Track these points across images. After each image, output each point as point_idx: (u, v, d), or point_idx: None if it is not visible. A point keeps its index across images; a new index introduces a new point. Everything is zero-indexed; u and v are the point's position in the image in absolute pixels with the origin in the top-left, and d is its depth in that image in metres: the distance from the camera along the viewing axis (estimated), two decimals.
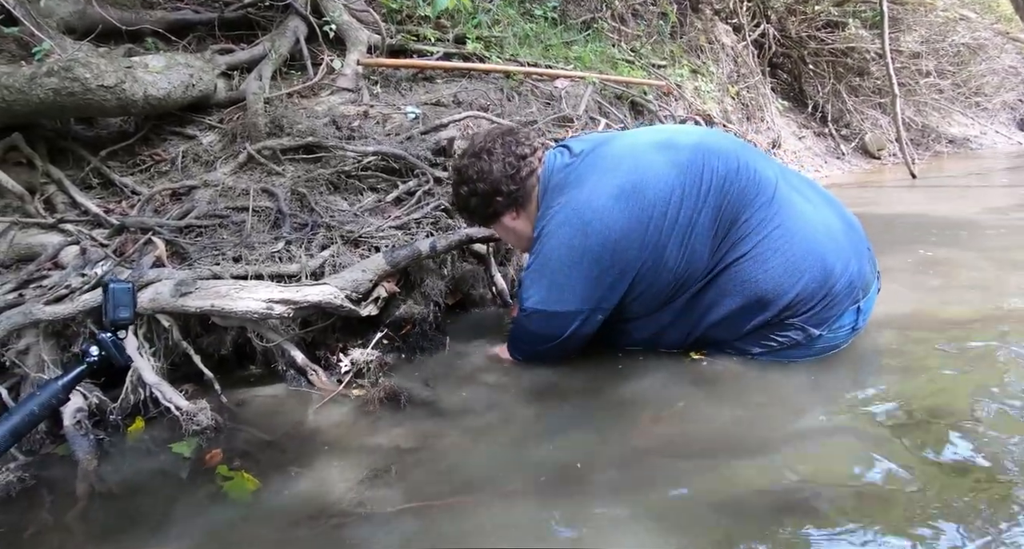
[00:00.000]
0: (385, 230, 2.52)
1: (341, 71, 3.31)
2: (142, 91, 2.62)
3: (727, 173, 1.97)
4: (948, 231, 4.03)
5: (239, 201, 2.52)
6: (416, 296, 2.48)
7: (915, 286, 2.83)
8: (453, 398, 2.01)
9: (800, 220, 1.99)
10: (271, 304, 2.04)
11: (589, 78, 4.19)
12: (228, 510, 1.53)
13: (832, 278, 1.98)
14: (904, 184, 6.57)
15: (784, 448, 1.62)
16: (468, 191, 2.14)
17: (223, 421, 1.90)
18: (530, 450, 1.70)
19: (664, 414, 1.84)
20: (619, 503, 1.43)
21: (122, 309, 1.62)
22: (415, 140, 2.92)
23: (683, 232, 1.94)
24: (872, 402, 1.84)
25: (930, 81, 9.80)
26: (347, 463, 1.67)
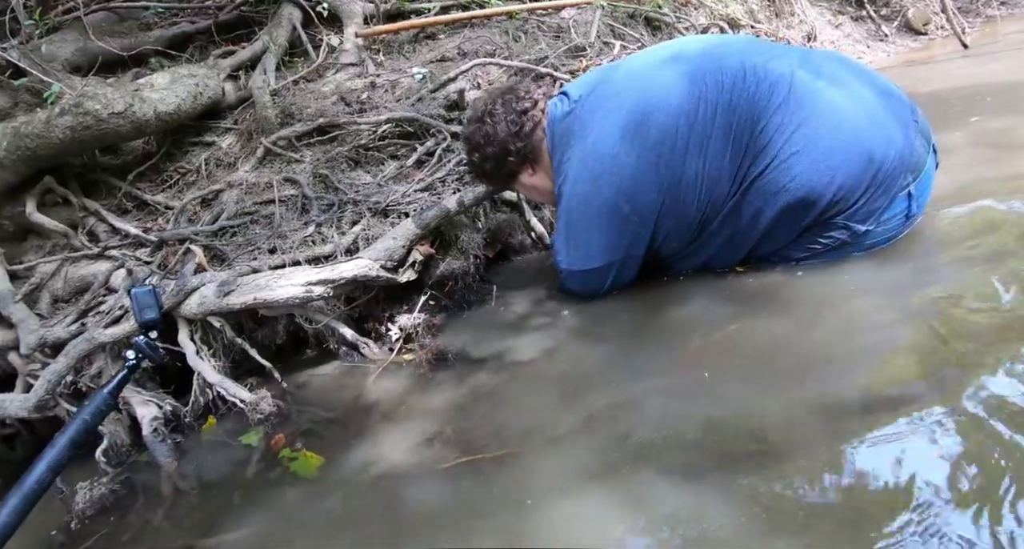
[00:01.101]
0: (411, 195, 2.51)
1: (341, 47, 3.29)
2: (152, 110, 2.67)
3: (733, 85, 1.88)
4: (1006, 97, 3.76)
5: (264, 195, 2.56)
6: (454, 252, 2.48)
7: (972, 160, 2.65)
8: (500, 349, 2.00)
9: (826, 111, 1.85)
10: (310, 286, 2.07)
11: (596, 2, 4.06)
12: (297, 488, 1.58)
13: (873, 165, 1.83)
14: (957, 56, 6.13)
15: (836, 364, 1.54)
16: (480, 157, 2.17)
17: (285, 406, 1.97)
18: (577, 394, 1.68)
19: (712, 338, 1.78)
20: (662, 444, 1.40)
21: (148, 311, 1.68)
22: (426, 100, 2.88)
23: (696, 162, 1.89)
24: (927, 302, 1.71)
25: None
26: (403, 427, 1.70)
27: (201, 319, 2.17)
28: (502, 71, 3.18)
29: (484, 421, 1.65)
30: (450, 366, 1.97)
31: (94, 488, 1.79)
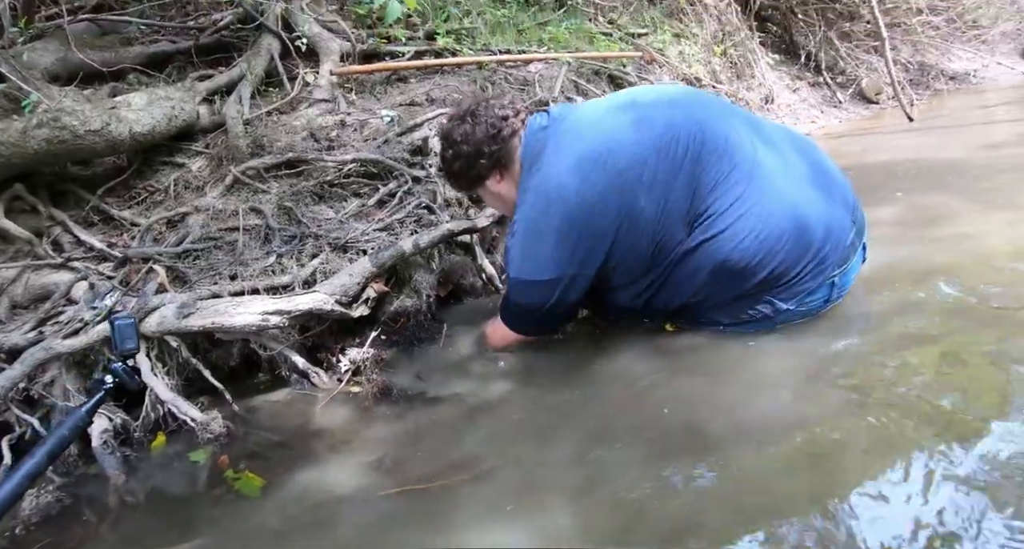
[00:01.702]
0: (370, 233, 2.66)
1: (316, 83, 3.44)
2: (127, 130, 2.77)
3: (703, 137, 2.01)
4: (937, 174, 4.08)
5: (230, 222, 2.67)
6: (407, 291, 2.62)
7: (896, 237, 2.90)
8: (442, 387, 2.16)
9: (775, 194, 2.01)
10: (266, 315, 2.19)
11: (562, 58, 4.28)
12: (240, 507, 1.70)
13: (810, 254, 2.02)
14: (902, 129, 6.55)
15: (749, 422, 1.73)
16: (453, 154, 2.20)
17: (235, 427, 2.07)
18: (508, 434, 1.84)
19: (636, 390, 1.96)
20: (587, 480, 1.57)
21: (128, 341, 1.78)
22: (392, 143, 3.04)
23: (659, 199, 1.99)
24: (836, 367, 1.93)
25: (924, 19, 9.68)
26: (346, 455, 1.84)
27: (158, 337, 2.27)
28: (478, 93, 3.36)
29: (422, 454, 1.79)
30: (394, 400, 2.11)
31: (41, 496, 1.86)
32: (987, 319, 2.07)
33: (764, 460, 1.54)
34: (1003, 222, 2.87)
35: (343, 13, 4.05)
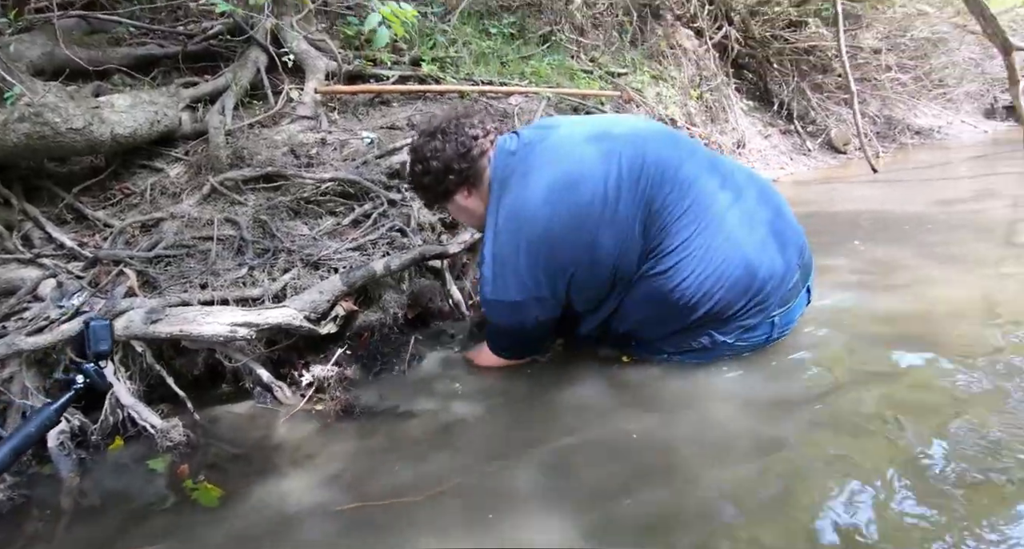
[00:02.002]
0: (343, 252, 2.71)
1: (300, 99, 3.49)
2: (109, 131, 2.80)
3: (665, 175, 2.10)
4: (894, 225, 4.27)
5: (204, 231, 2.70)
6: (375, 309, 2.67)
7: (849, 283, 3.03)
8: (405, 408, 2.20)
9: (725, 232, 2.12)
10: (235, 327, 2.22)
11: (543, 93, 4.39)
12: (196, 516, 1.72)
13: (751, 292, 2.14)
14: (866, 179, 6.80)
15: (687, 451, 1.81)
16: (422, 169, 2.25)
17: (196, 437, 2.09)
18: (464, 455, 1.89)
19: (595, 414, 2.04)
20: (539, 505, 1.62)
21: (102, 343, 1.80)
22: (370, 164, 3.10)
23: (619, 232, 2.08)
24: (786, 395, 2.06)
25: (892, 75, 10.08)
26: (305, 470, 1.87)
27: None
28: (448, 108, 3.42)
29: (381, 471, 1.83)
30: (356, 418, 2.15)
31: None
32: (921, 357, 2.21)
33: (726, 479, 1.64)
34: (949, 276, 3.02)
35: (332, 32, 4.11)
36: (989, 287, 2.80)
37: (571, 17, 5.97)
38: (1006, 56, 7.59)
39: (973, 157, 8.32)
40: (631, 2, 6.61)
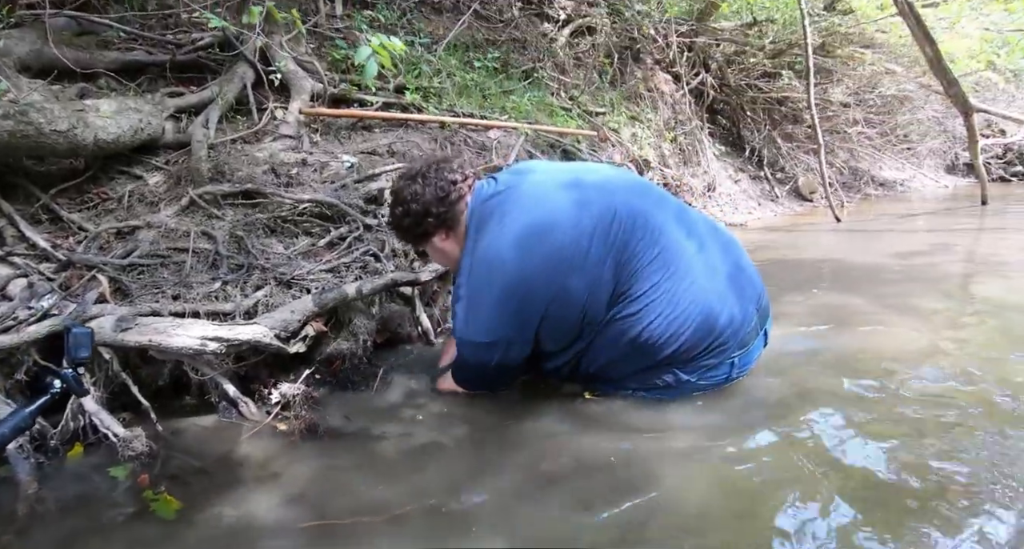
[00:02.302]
0: (316, 273, 2.76)
1: (284, 119, 3.54)
2: (92, 136, 2.82)
3: (632, 225, 2.20)
4: (853, 274, 4.45)
5: (180, 242, 2.73)
6: (345, 334, 2.71)
7: (806, 327, 3.15)
8: (369, 431, 2.24)
9: (689, 278, 2.23)
10: (205, 341, 2.25)
11: (521, 128, 4.49)
12: (153, 527, 1.74)
13: (712, 335, 2.25)
14: (830, 228, 7.04)
15: (647, 481, 1.87)
16: (402, 212, 2.32)
17: (157, 448, 2.10)
18: (426, 479, 1.94)
19: (547, 449, 2.09)
20: (496, 532, 1.68)
21: (82, 349, 1.83)
22: (349, 188, 3.16)
23: (588, 280, 2.16)
24: (741, 429, 2.15)
25: (860, 129, 10.46)
26: (266, 487, 1.90)
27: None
28: (428, 155, 3.50)
29: (342, 492, 1.87)
30: (320, 438, 2.18)
31: None
32: (867, 398, 2.34)
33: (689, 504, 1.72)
34: (899, 325, 3.16)
35: (320, 54, 4.18)
36: (935, 337, 2.94)
37: (554, 55, 6.12)
38: (966, 117, 7.96)
39: (933, 211, 8.65)
40: (613, 44, 6.80)
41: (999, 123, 12.17)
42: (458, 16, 5.43)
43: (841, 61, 9.84)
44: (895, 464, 1.85)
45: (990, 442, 1.93)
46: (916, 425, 2.09)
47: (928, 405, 2.23)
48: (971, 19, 10.43)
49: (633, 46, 7.41)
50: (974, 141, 8.21)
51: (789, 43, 8.78)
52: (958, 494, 1.68)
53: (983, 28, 10.63)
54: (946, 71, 7.49)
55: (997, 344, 2.78)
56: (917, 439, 1.99)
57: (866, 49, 9.98)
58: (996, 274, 4.26)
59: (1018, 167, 13.23)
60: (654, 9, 7.05)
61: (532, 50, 5.98)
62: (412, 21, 5.10)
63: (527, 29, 6.10)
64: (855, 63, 9.97)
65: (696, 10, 8.26)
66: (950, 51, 9.55)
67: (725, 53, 9.09)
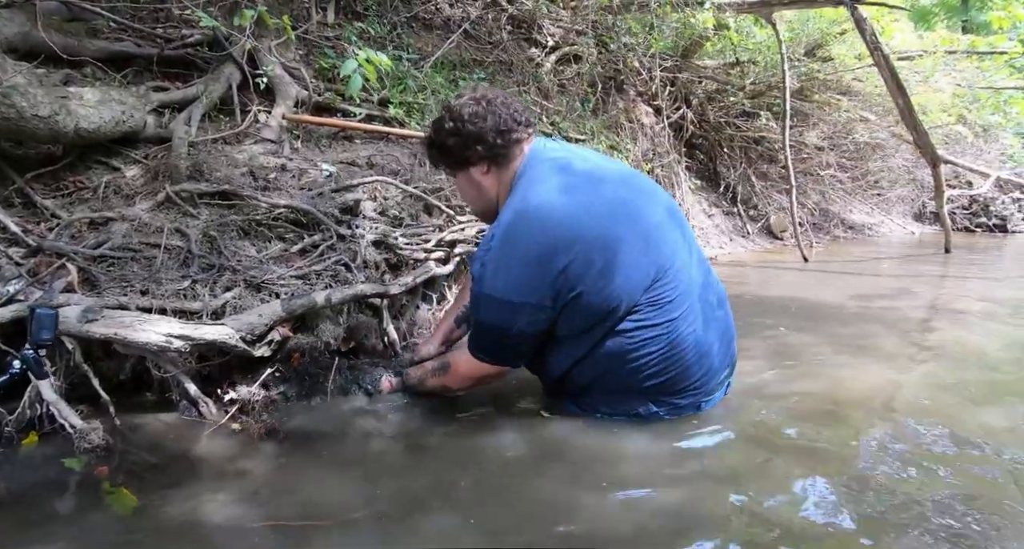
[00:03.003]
0: (287, 278, 2.78)
1: (267, 123, 3.57)
2: (74, 124, 2.83)
3: (673, 252, 2.24)
4: (816, 315, 4.55)
5: (153, 237, 2.74)
6: (309, 334, 2.73)
7: (767, 363, 3.23)
8: (327, 436, 2.27)
9: (696, 323, 2.26)
10: (170, 338, 2.26)
11: None
12: (108, 521, 1.75)
13: (688, 380, 2.30)
14: (797, 266, 7.21)
15: (599, 500, 1.91)
16: (452, 129, 2.18)
17: (115, 442, 2.11)
18: (380, 486, 1.97)
19: (495, 467, 2.12)
20: (446, 543, 1.72)
21: (45, 331, 1.85)
22: (325, 197, 3.19)
23: (624, 273, 2.10)
24: (696, 452, 2.21)
25: (832, 173, 10.72)
26: (221, 487, 1.92)
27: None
28: (398, 192, 3.55)
29: (296, 494, 1.89)
30: (279, 441, 2.21)
31: None
32: (817, 431, 2.40)
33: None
34: (855, 366, 3.25)
35: (308, 61, 4.22)
36: (888, 379, 3.04)
37: (539, 80, 6.21)
38: (934, 168, 8.20)
39: (898, 256, 8.86)
40: (597, 74, 6.91)
41: (966, 175, 12.51)
42: (448, 34, 5.49)
43: (818, 106, 10.09)
44: (827, 508, 1.89)
45: (925, 480, 2.00)
46: (855, 469, 2.15)
47: (863, 448, 2.29)
48: (945, 74, 10.80)
49: (617, 77, 7.54)
50: (940, 191, 8.45)
51: (769, 85, 8.99)
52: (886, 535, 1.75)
53: (956, 84, 11.00)
54: (916, 122, 7.72)
55: (949, 388, 2.87)
56: (853, 482, 2.04)
57: (842, 96, 10.27)
58: (955, 321, 4.39)
59: (982, 218, 13.62)
60: (640, 43, 7.17)
61: (518, 73, 6.06)
62: (402, 35, 5.15)
63: (514, 52, 6.19)
64: (831, 109, 10.23)
65: (681, 47, 8.42)
66: (923, 103, 9.91)
67: (707, 90, 9.27)
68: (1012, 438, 2.31)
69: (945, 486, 1.95)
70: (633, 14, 6.89)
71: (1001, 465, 2.09)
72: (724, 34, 7.84)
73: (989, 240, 11.75)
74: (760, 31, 8.47)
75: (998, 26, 9.51)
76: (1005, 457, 2.14)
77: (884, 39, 7.74)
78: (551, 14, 6.95)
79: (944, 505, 1.83)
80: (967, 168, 10.37)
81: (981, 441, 2.25)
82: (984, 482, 2.00)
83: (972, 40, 11.41)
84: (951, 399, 2.73)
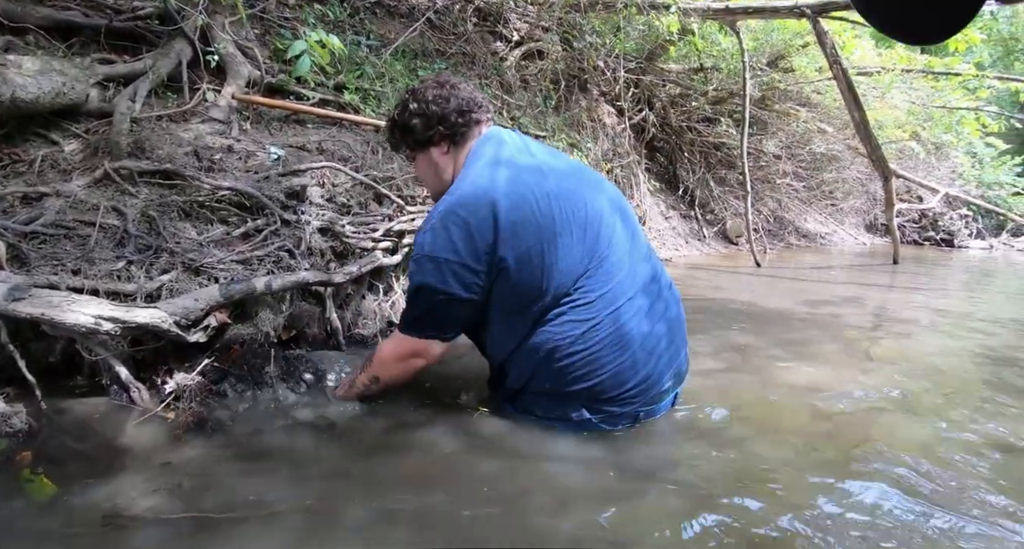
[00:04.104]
0: (227, 262, 2.71)
1: (215, 102, 3.48)
2: (10, 93, 2.72)
3: (611, 242, 2.25)
4: (764, 318, 4.63)
5: (88, 215, 2.64)
6: (248, 324, 2.67)
7: (712, 365, 3.26)
8: (259, 429, 2.22)
9: (628, 324, 2.22)
10: (99, 320, 2.18)
11: None
12: (24, 508, 1.69)
13: (620, 388, 2.24)
14: (750, 271, 7.37)
15: (527, 499, 1.89)
16: (418, 109, 2.29)
17: (39, 427, 2.04)
18: (306, 481, 1.93)
19: (438, 460, 2.11)
20: (368, 541, 1.69)
21: None
22: (272, 181, 3.12)
23: (559, 256, 2.15)
24: (634, 459, 2.19)
25: (788, 182, 10.90)
26: (145, 477, 1.86)
27: None
28: (347, 179, 3.48)
29: (220, 487, 1.84)
30: (208, 432, 2.15)
31: None
32: (769, 433, 2.44)
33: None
34: (796, 368, 3.33)
35: (263, 41, 4.12)
36: (822, 380, 3.11)
37: (501, 74, 6.17)
38: (886, 181, 8.40)
39: (848, 266, 9.05)
40: (561, 71, 6.90)
41: (917, 190, 12.83)
42: (411, 22, 5.42)
43: (777, 115, 10.27)
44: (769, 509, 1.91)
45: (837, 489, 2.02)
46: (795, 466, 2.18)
47: (797, 445, 2.35)
48: (901, 91, 11.04)
49: (581, 76, 7.54)
50: (891, 204, 8.64)
51: (731, 92, 9.10)
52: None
53: (911, 101, 11.25)
54: (871, 137, 7.89)
55: (886, 394, 2.93)
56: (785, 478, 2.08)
57: (801, 107, 10.47)
58: (898, 329, 4.52)
59: (931, 233, 13.99)
60: (605, 44, 7.18)
61: (480, 67, 6.01)
62: (364, 20, 5.07)
63: (478, 45, 6.14)
64: (790, 119, 10.43)
65: (646, 49, 8.46)
66: (879, 119, 10.14)
67: (670, 94, 9.35)
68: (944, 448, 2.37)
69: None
70: (599, 13, 6.88)
71: (918, 472, 2.13)
72: (689, 39, 7.90)
73: (936, 254, 12.09)
74: (724, 39, 8.55)
75: (954, 48, 9.71)
76: (922, 467, 2.18)
77: (844, 54, 7.87)
78: (518, 8, 6.93)
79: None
80: (918, 183, 10.65)
81: (904, 455, 2.28)
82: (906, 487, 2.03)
83: (929, 60, 11.68)
84: (885, 403, 2.81)
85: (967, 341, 4.17)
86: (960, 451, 2.32)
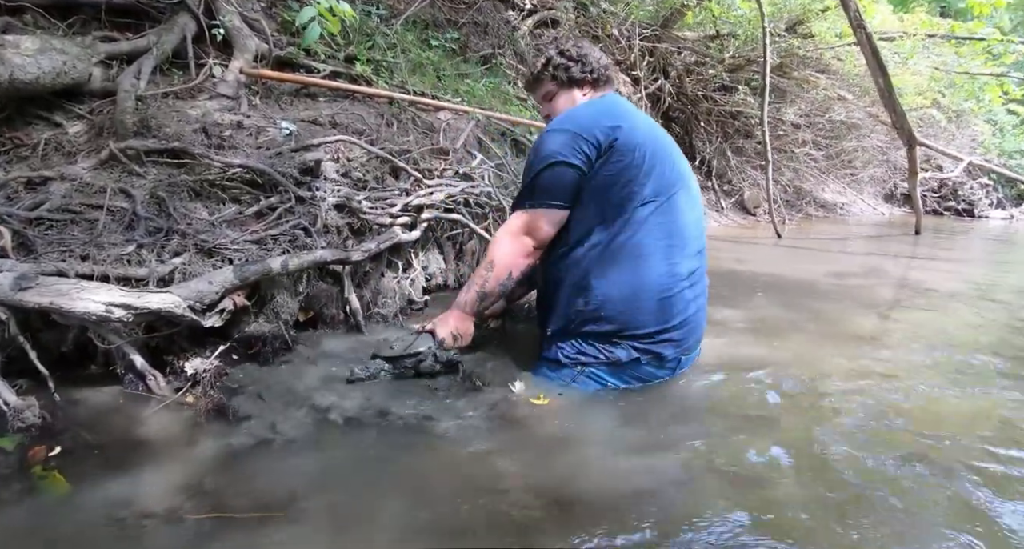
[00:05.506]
0: (241, 243, 2.60)
1: (223, 77, 3.35)
2: (8, 73, 2.61)
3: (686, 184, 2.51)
4: (787, 289, 4.52)
5: (95, 198, 2.54)
6: (267, 312, 2.56)
7: (738, 338, 3.16)
8: (281, 417, 2.09)
9: (682, 255, 2.40)
10: (111, 307, 2.08)
11: (473, 113, 4.37)
12: (38, 506, 1.60)
13: (667, 325, 2.36)
14: (770, 242, 7.19)
15: (563, 493, 1.78)
16: (576, 55, 2.55)
17: (52, 420, 1.95)
18: (333, 473, 1.82)
19: (464, 453, 1.96)
20: (399, 536, 1.57)
21: None
22: (284, 157, 2.99)
23: (659, 162, 2.35)
24: (674, 432, 2.10)
25: (807, 151, 10.67)
26: (165, 471, 1.77)
27: None
28: (363, 153, 3.35)
29: (242, 481, 1.74)
30: (228, 420, 2.04)
31: None
32: (791, 402, 2.38)
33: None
34: (821, 339, 3.22)
35: (270, 14, 3.98)
36: (852, 352, 3.01)
37: (515, 43, 6.00)
38: (909, 149, 8.15)
39: (868, 236, 8.83)
40: None
41: (937, 159, 12.55)
42: None
43: (796, 83, 10.00)
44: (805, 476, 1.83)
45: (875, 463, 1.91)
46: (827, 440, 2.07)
47: (839, 416, 2.26)
48: (923, 57, 10.74)
49: (596, 44, 7.33)
50: (914, 173, 8.41)
51: (748, 59, 8.86)
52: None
53: (933, 67, 10.95)
54: (895, 103, 7.64)
55: (916, 366, 2.82)
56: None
57: (821, 74, 10.18)
58: (923, 300, 4.37)
59: (951, 202, 13.70)
60: (620, 10, 6.97)
61: (493, 36, 5.84)
62: None
63: (490, 14, 5.96)
64: (809, 86, 10.15)
65: (661, 16, 8.24)
66: (900, 86, 9.84)
67: (685, 62, 9.11)
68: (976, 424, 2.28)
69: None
70: None
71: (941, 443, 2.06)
72: (705, 5, 7.67)
73: (956, 224, 11.83)
74: (742, 4, 8.30)
75: (978, 12, 9.39)
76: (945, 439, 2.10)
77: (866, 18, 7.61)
78: None
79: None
80: (941, 152, 10.35)
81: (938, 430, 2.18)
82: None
83: (952, 25, 11.35)
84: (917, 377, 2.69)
85: (1000, 312, 4.02)
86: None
